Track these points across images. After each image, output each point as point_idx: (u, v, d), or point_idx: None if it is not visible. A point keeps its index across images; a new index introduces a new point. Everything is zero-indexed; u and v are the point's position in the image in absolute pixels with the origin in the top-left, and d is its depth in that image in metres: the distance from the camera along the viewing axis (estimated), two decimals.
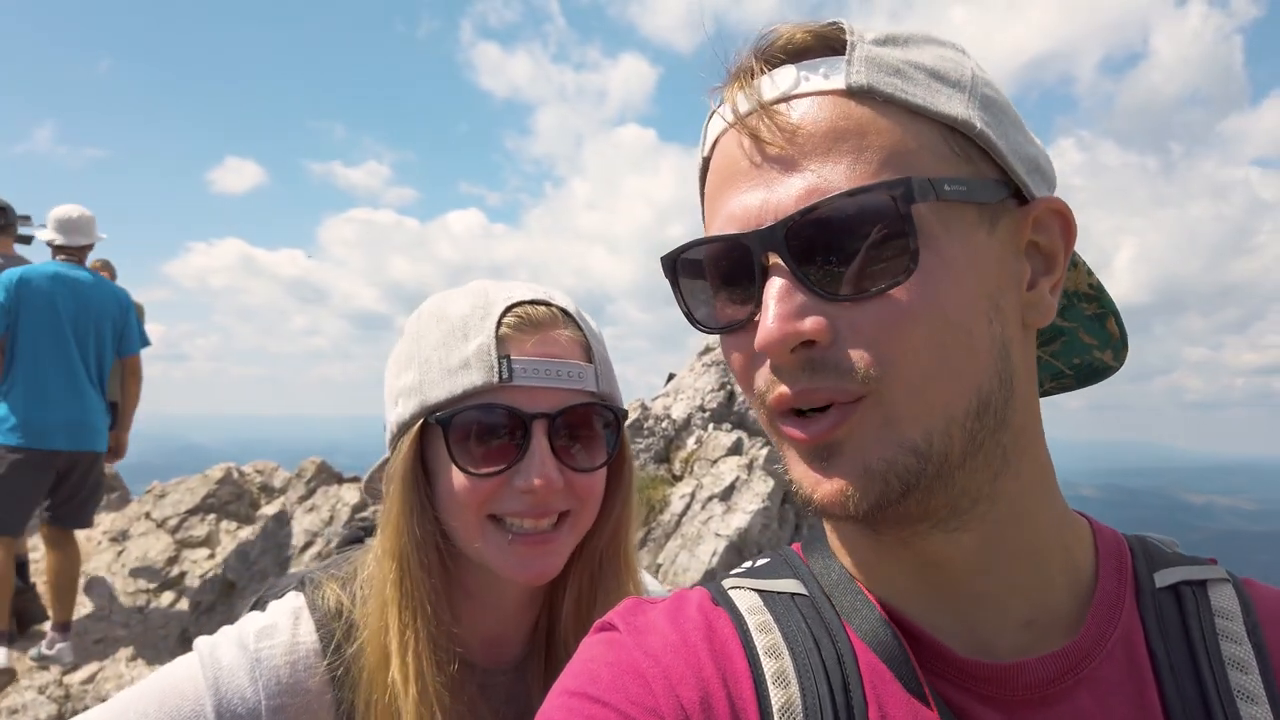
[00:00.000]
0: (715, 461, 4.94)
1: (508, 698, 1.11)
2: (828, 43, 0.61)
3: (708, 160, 0.65)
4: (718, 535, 4.38)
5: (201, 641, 0.98)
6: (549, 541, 1.01)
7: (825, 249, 0.56)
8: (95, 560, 6.10)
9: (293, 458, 7.25)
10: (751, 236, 0.58)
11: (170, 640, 5.41)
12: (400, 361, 1.07)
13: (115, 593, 5.75)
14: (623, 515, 1.12)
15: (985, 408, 0.58)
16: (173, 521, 6.28)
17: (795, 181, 0.57)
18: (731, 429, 5.17)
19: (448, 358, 1.01)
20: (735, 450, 4.96)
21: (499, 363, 0.98)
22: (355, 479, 6.48)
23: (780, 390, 0.58)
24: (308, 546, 5.76)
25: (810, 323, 0.55)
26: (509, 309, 1.02)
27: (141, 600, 5.72)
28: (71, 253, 4.81)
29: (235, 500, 6.57)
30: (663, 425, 5.36)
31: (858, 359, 0.55)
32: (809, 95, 0.59)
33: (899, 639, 0.62)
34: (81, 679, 4.81)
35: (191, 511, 6.34)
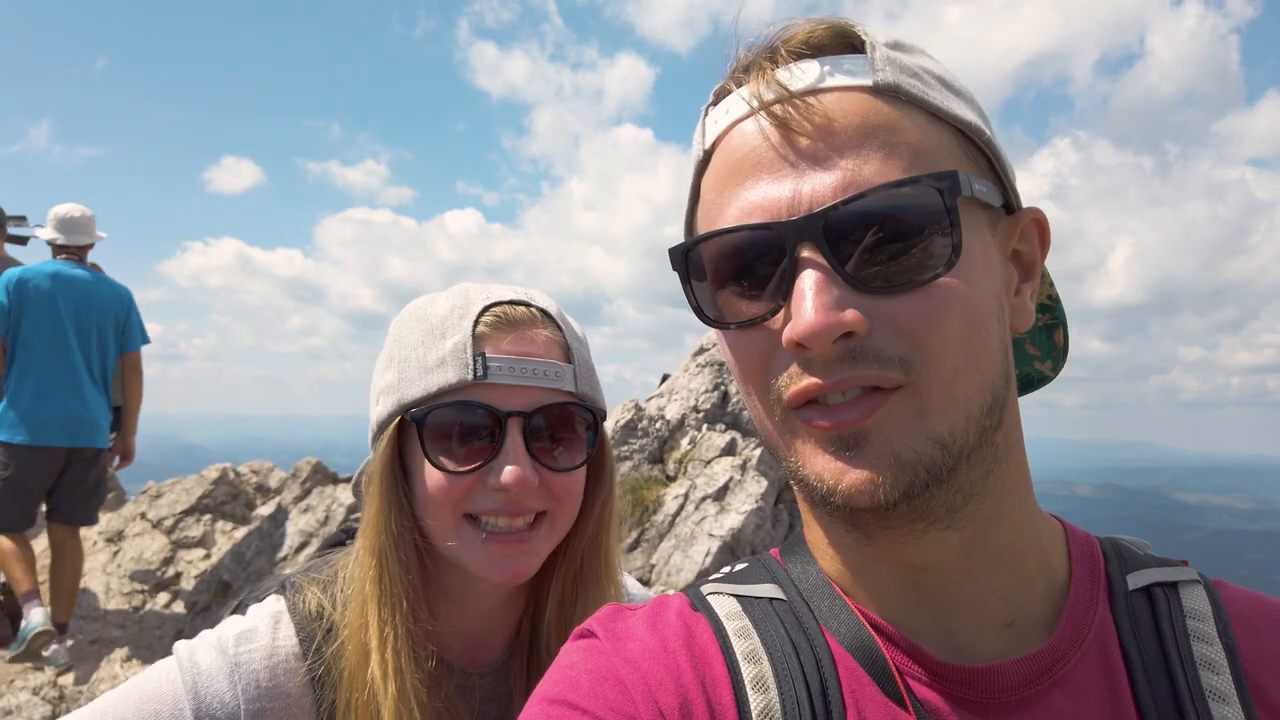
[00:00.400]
0: (709, 462, 4.95)
1: (489, 699, 1.10)
2: (844, 40, 0.61)
3: (709, 152, 0.64)
4: (711, 536, 4.39)
5: (181, 645, 0.98)
6: (524, 541, 1.00)
7: (863, 240, 0.55)
8: (91, 560, 6.09)
9: (290, 457, 7.25)
10: (786, 226, 0.56)
11: (165, 641, 5.41)
12: (382, 362, 1.07)
13: (110, 593, 5.75)
14: (603, 517, 1.11)
15: (995, 405, 0.59)
16: (168, 522, 6.28)
17: (830, 173, 0.56)
18: (725, 429, 5.19)
19: (425, 356, 1.00)
20: (729, 451, 4.98)
21: (474, 360, 0.97)
22: (350, 479, 6.48)
23: (808, 381, 0.57)
24: (303, 547, 5.76)
25: (851, 314, 0.54)
26: (487, 308, 1.02)
27: (137, 601, 5.72)
28: (72, 252, 4.82)
29: (231, 500, 6.57)
30: (657, 426, 5.37)
31: (897, 348, 0.55)
32: (836, 90, 0.59)
33: (877, 643, 0.62)
34: (76, 680, 4.81)
35: (187, 512, 6.34)
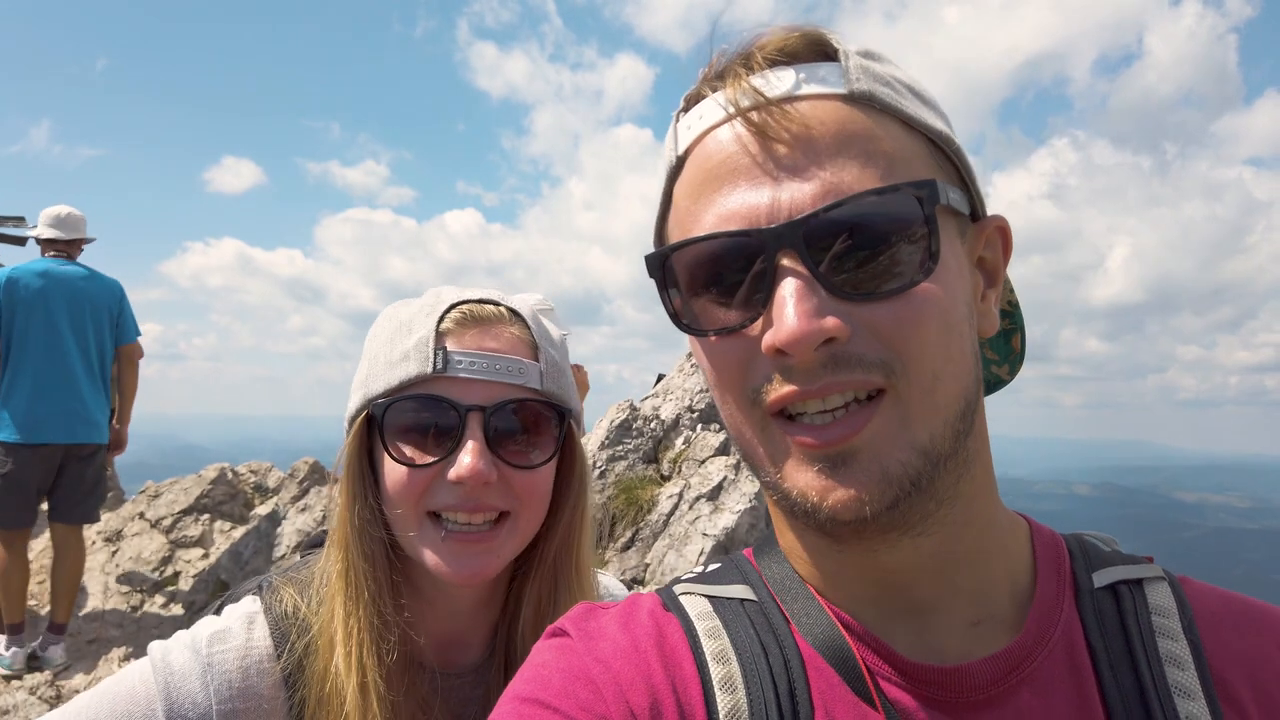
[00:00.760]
0: (703, 462, 4.97)
1: (466, 701, 1.09)
2: (817, 49, 0.62)
3: (682, 159, 0.64)
4: (705, 535, 4.41)
5: (155, 646, 0.98)
6: (484, 540, 0.98)
7: (844, 248, 0.56)
8: (90, 560, 6.10)
9: (290, 457, 7.26)
10: (766, 234, 0.56)
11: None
12: (360, 361, 1.09)
13: (109, 593, 5.77)
14: (574, 520, 1.10)
15: (968, 409, 0.59)
16: (167, 521, 6.29)
17: (809, 180, 0.56)
18: (719, 429, 5.21)
19: (391, 351, 1.01)
20: (723, 450, 4.99)
21: (435, 354, 0.98)
22: None
23: (789, 389, 0.56)
24: (300, 547, 5.78)
25: (832, 321, 0.54)
26: (454, 306, 1.03)
27: (135, 600, 5.73)
28: (62, 247, 4.82)
29: (229, 500, 6.58)
30: (651, 426, 5.39)
31: (878, 354, 0.56)
32: (812, 98, 0.59)
33: (848, 643, 0.63)
34: (74, 679, 4.84)
35: (185, 511, 6.35)
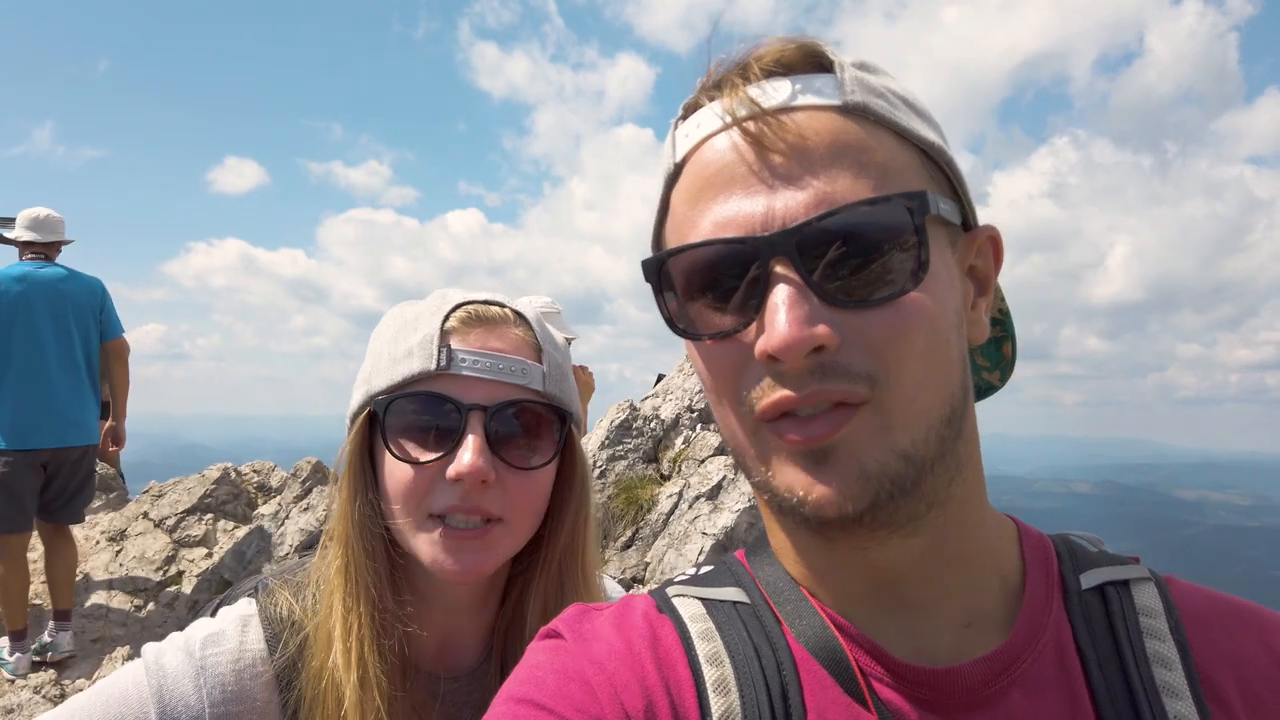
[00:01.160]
0: (703, 461, 4.98)
1: (462, 704, 1.09)
2: (813, 60, 0.63)
3: (680, 166, 0.65)
4: (704, 534, 4.42)
5: (149, 648, 0.97)
6: (480, 537, 0.98)
7: (836, 257, 0.57)
8: (93, 560, 6.13)
9: (293, 456, 7.28)
10: (760, 242, 0.57)
11: None
12: (364, 359, 1.09)
13: (113, 592, 5.80)
14: (577, 524, 1.10)
15: (954, 415, 0.60)
16: (170, 521, 6.31)
17: (803, 190, 0.57)
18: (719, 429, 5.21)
19: (395, 348, 1.02)
20: (722, 450, 4.99)
21: (438, 351, 0.98)
22: None
23: (780, 394, 0.57)
24: (303, 546, 5.80)
25: (823, 329, 0.55)
26: (460, 305, 1.03)
27: (139, 600, 5.75)
28: (40, 249, 4.78)
29: (232, 500, 6.60)
30: (651, 425, 5.40)
31: (865, 364, 0.57)
32: (807, 108, 0.60)
33: (841, 644, 0.63)
34: (78, 678, 4.86)
35: (189, 511, 6.37)
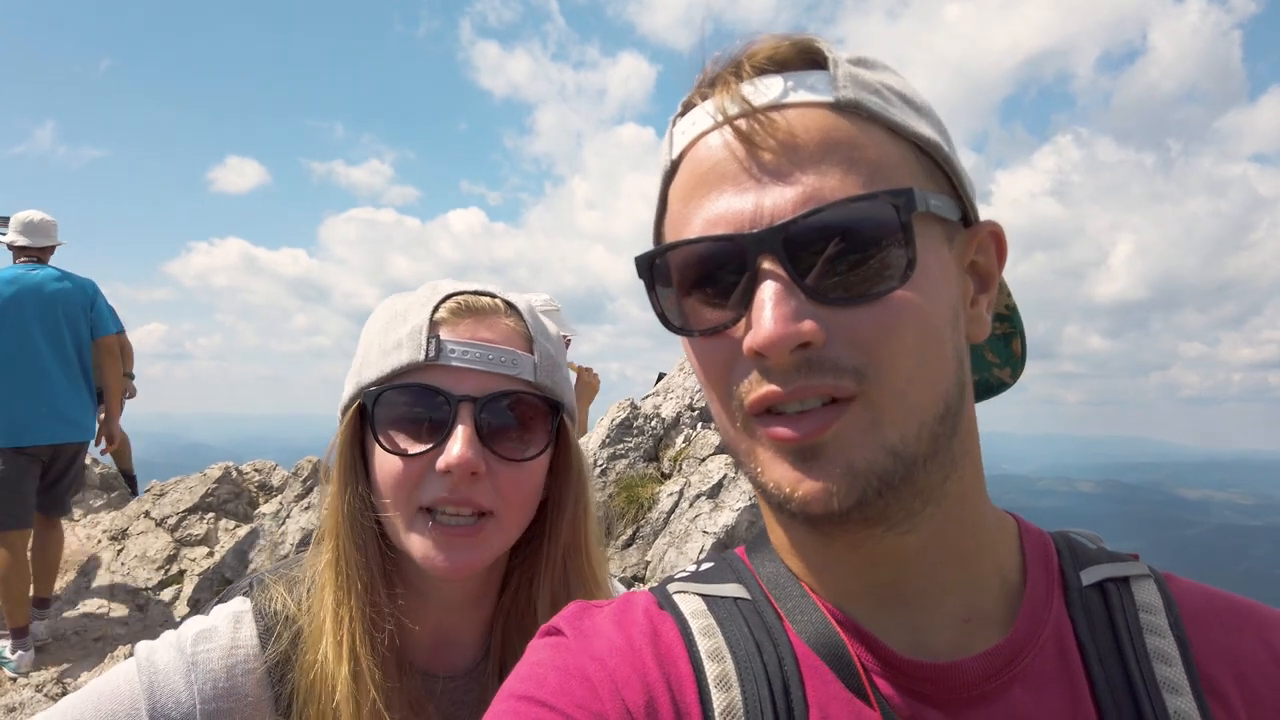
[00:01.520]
0: (704, 460, 4.98)
1: (459, 704, 1.08)
2: (808, 57, 0.63)
3: (676, 163, 0.65)
4: (705, 533, 4.42)
5: (142, 646, 0.97)
6: (471, 534, 0.97)
7: (822, 253, 0.57)
8: (95, 558, 6.15)
9: (293, 456, 7.30)
10: (748, 239, 0.57)
11: None
12: (356, 352, 1.08)
13: (114, 590, 5.81)
14: (577, 515, 1.08)
15: (948, 412, 0.60)
16: (172, 520, 6.33)
17: (791, 187, 0.58)
18: None
19: (384, 340, 1.01)
20: (723, 449, 5.01)
21: (427, 342, 0.97)
22: None
23: (766, 389, 0.58)
24: (304, 545, 5.81)
25: (808, 325, 0.56)
26: (450, 296, 1.02)
27: (140, 599, 5.77)
28: (33, 254, 4.98)
29: (234, 499, 6.62)
30: (652, 424, 5.40)
31: (852, 358, 0.57)
32: (798, 106, 0.60)
33: (842, 639, 0.63)
34: (80, 678, 4.87)
35: (190, 510, 6.39)
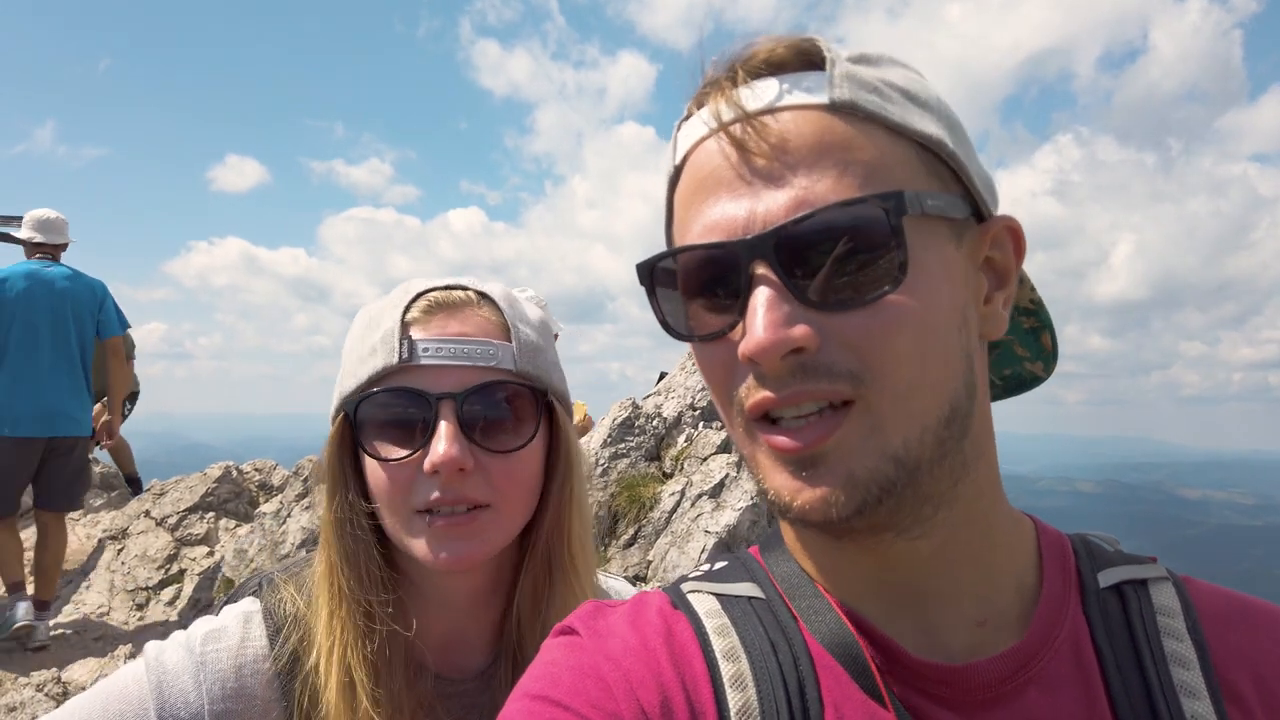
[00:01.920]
0: (705, 459, 4.97)
1: (471, 707, 1.06)
2: (806, 58, 0.62)
3: (679, 168, 0.65)
4: (707, 532, 4.42)
5: (150, 645, 0.97)
6: (467, 523, 0.95)
7: (814, 258, 0.57)
8: (95, 558, 6.15)
9: (294, 455, 7.31)
10: (739, 245, 0.57)
11: None
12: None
13: (115, 590, 5.81)
14: (562, 503, 1.05)
15: (955, 416, 0.59)
16: (172, 520, 6.33)
17: (783, 192, 0.57)
18: (721, 427, 5.22)
19: (361, 346, 0.99)
20: (725, 448, 4.99)
21: (400, 344, 0.95)
22: None
23: (761, 395, 0.58)
24: (305, 544, 5.81)
25: (800, 330, 0.56)
26: (421, 294, 1.00)
27: (141, 598, 5.77)
28: (47, 251, 5.15)
29: (234, 498, 6.62)
30: (654, 424, 5.40)
31: (847, 362, 0.56)
32: (793, 108, 0.60)
33: (856, 641, 0.63)
34: (80, 676, 4.87)
35: (191, 509, 6.39)
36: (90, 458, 6.53)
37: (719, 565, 0.74)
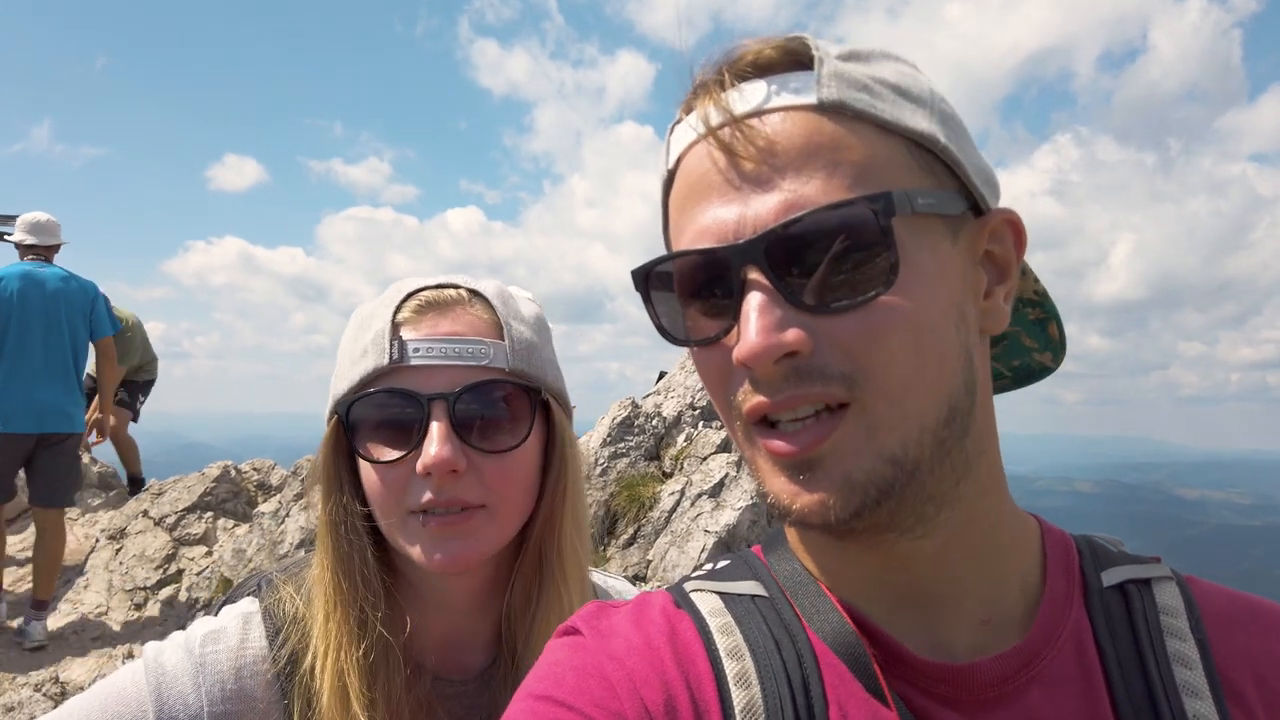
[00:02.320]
0: (705, 459, 4.98)
1: (471, 708, 1.05)
2: (794, 58, 0.62)
3: (673, 173, 0.65)
4: (707, 532, 4.42)
5: (149, 647, 0.96)
6: (462, 523, 0.95)
7: (805, 262, 0.56)
8: (93, 558, 6.14)
9: (293, 455, 7.30)
10: (730, 250, 0.57)
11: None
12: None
13: (113, 590, 5.80)
14: (554, 499, 1.04)
15: (954, 415, 0.59)
16: (170, 519, 6.32)
17: (772, 195, 0.57)
18: (720, 427, 5.22)
19: (353, 348, 0.99)
20: (724, 448, 4.99)
21: (390, 345, 0.95)
22: None
23: (757, 400, 0.58)
24: (303, 544, 5.80)
25: (792, 334, 0.56)
26: (412, 294, 0.99)
27: (139, 598, 5.76)
28: (40, 252, 5.26)
29: (232, 498, 6.61)
30: (653, 423, 5.40)
31: (841, 365, 0.56)
32: (781, 110, 0.59)
33: (859, 640, 0.63)
34: (78, 677, 4.86)
35: (189, 509, 6.38)
36: (89, 455, 6.57)
37: (722, 564, 0.74)
